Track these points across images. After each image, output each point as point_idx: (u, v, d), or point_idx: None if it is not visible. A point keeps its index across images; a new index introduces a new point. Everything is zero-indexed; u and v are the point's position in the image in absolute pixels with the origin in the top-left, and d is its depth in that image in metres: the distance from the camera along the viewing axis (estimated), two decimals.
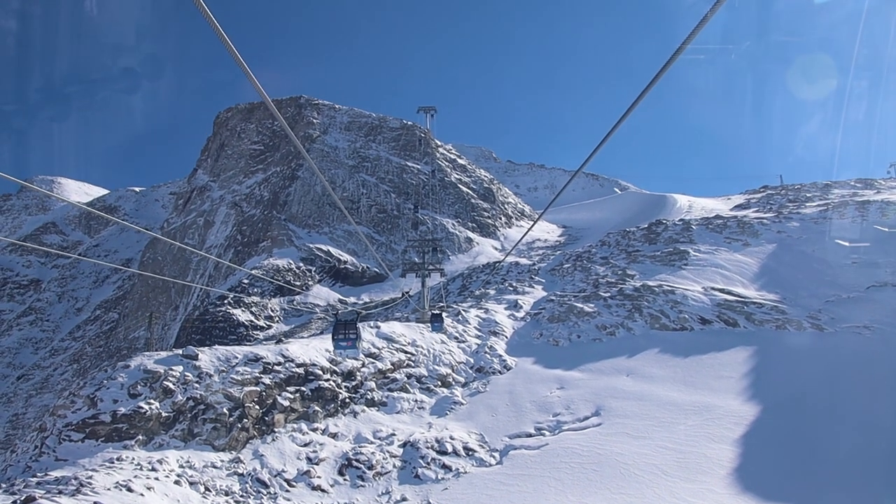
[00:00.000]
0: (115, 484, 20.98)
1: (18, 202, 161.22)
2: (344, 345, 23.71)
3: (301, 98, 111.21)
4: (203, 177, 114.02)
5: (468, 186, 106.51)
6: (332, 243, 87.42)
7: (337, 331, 23.94)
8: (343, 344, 23.77)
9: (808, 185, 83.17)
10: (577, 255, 64.41)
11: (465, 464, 27.67)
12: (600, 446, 27.24)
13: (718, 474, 24.10)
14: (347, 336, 23.99)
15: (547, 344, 42.58)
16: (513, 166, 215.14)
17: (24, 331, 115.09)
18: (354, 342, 23.84)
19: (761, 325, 40.95)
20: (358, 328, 24.12)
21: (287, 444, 28.29)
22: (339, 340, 23.84)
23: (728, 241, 57.58)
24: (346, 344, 23.77)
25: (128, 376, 28.12)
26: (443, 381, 36.61)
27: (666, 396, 31.73)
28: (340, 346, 23.84)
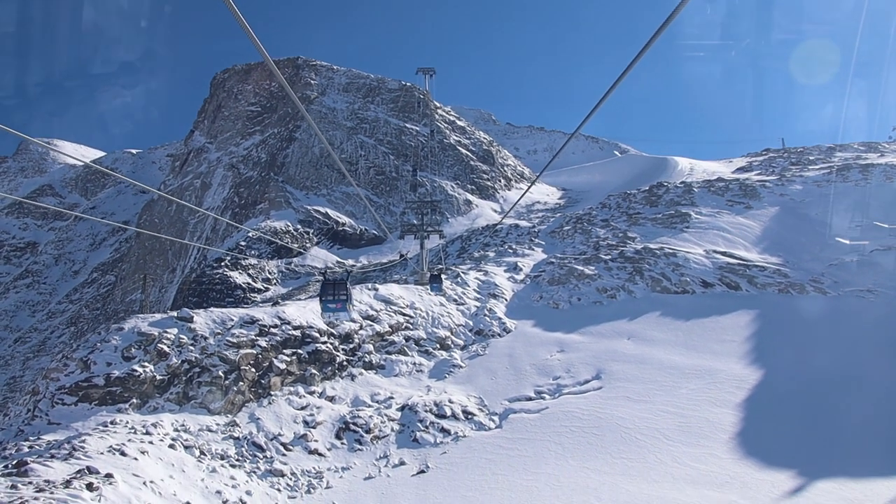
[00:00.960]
0: (109, 448, 20.64)
1: (14, 164, 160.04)
2: (332, 307, 22.55)
3: (298, 59, 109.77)
4: (200, 139, 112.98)
5: (467, 148, 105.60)
6: (329, 205, 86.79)
7: (325, 291, 22.77)
8: (331, 306, 22.58)
9: (811, 148, 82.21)
10: (577, 218, 63.77)
11: (464, 427, 27.44)
12: (601, 410, 27.00)
13: (721, 438, 23.85)
14: (337, 297, 22.71)
15: (547, 307, 42.21)
16: (512, 129, 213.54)
17: (21, 293, 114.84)
18: (344, 304, 22.61)
19: (764, 289, 40.57)
20: (348, 289, 22.96)
21: (283, 408, 28.01)
22: (328, 302, 22.59)
23: (730, 204, 57.00)
24: (334, 306, 22.56)
25: (121, 339, 27.71)
26: (442, 344, 36.28)
27: (667, 360, 31.46)
28: (329, 309, 22.66)
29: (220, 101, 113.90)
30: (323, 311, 22.80)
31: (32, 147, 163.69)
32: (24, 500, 15.00)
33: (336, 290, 22.64)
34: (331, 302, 22.61)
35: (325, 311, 22.75)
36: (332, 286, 22.73)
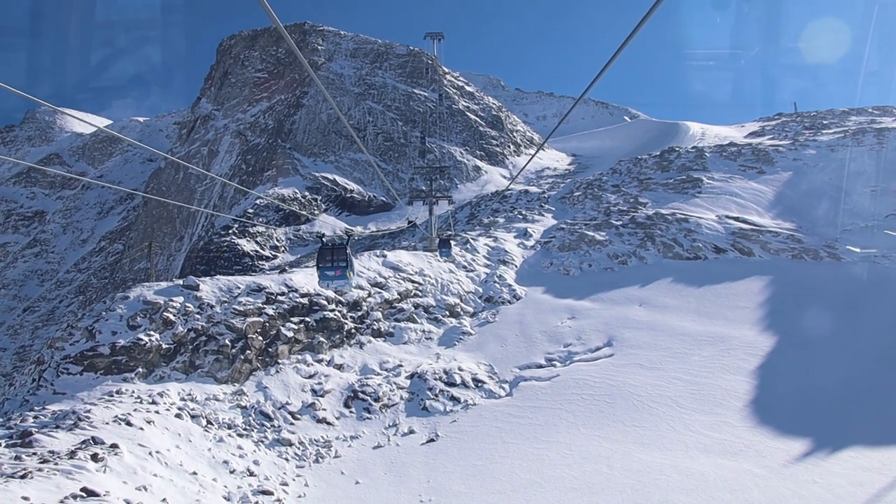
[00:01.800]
0: (114, 418, 20.50)
1: (22, 133, 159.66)
2: (331, 274, 21.05)
3: (305, 24, 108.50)
4: (207, 106, 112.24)
5: (476, 114, 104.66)
6: (338, 172, 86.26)
7: (322, 258, 21.27)
8: (330, 273, 21.09)
9: (825, 112, 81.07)
10: (587, 183, 63.12)
11: (473, 395, 27.20)
12: (612, 377, 26.80)
13: (734, 406, 23.64)
14: (336, 264, 21.10)
15: (557, 273, 41.83)
16: (521, 94, 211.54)
17: (30, 263, 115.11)
18: (344, 271, 21.06)
19: (777, 255, 40.13)
20: (349, 255, 21.43)
21: (291, 376, 27.80)
22: (325, 269, 21.07)
23: (742, 169, 56.30)
24: (333, 273, 21.05)
25: (127, 308, 27.48)
26: (451, 311, 35.95)
27: (679, 326, 31.18)
28: (326, 277, 21.23)
29: (227, 67, 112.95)
30: (320, 279, 21.47)
31: (39, 115, 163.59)
32: (28, 471, 14.81)
33: (335, 256, 21.09)
34: (329, 269, 21.13)
35: (322, 279, 21.45)
36: (331, 252, 21.27)
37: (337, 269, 21.15)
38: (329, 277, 21.25)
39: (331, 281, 21.54)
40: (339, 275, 21.15)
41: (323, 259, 21.24)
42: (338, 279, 21.36)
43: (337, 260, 21.18)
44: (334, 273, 21.12)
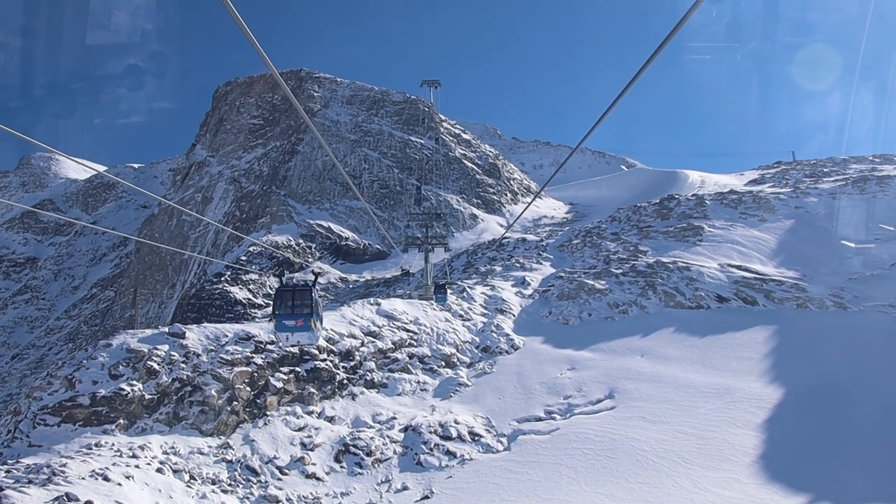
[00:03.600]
0: (91, 472, 19.62)
1: (16, 179, 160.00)
2: (291, 324, 17.76)
3: (301, 71, 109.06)
4: (201, 152, 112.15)
5: (473, 162, 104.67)
6: (332, 219, 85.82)
7: (281, 302, 17.96)
8: (289, 323, 17.76)
9: (825, 160, 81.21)
10: (586, 231, 62.70)
11: (470, 450, 26.26)
12: (615, 431, 25.88)
13: (742, 462, 22.73)
14: (297, 311, 17.67)
15: (556, 322, 41.02)
16: (518, 143, 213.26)
17: (20, 309, 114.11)
18: (308, 320, 17.71)
19: (781, 304, 39.38)
20: (315, 299, 18.17)
21: (280, 429, 26.80)
22: (284, 318, 17.72)
23: (744, 217, 55.82)
24: (293, 323, 17.71)
25: (109, 356, 26.54)
26: (447, 362, 35.02)
27: (683, 378, 30.36)
28: (285, 328, 17.87)
29: (223, 113, 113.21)
30: (277, 329, 18.09)
31: (34, 161, 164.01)
32: None
33: (296, 300, 17.83)
34: (288, 317, 17.74)
35: (279, 329, 18.04)
36: (291, 295, 18.04)
37: (299, 317, 17.81)
38: (288, 328, 17.95)
39: (290, 333, 18.11)
40: (302, 325, 17.83)
41: (281, 304, 18.00)
42: (299, 330, 17.96)
43: (299, 305, 17.96)
44: (295, 322, 17.80)
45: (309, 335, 18.45)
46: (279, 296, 18.14)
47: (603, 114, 9.56)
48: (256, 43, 7.50)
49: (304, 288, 18.22)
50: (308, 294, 18.03)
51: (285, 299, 17.98)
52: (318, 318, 18.37)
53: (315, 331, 18.25)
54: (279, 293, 18.16)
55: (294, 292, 18.09)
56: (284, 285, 18.36)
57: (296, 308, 17.85)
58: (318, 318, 18.59)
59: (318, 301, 18.68)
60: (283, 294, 18.08)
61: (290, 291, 18.11)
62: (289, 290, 18.13)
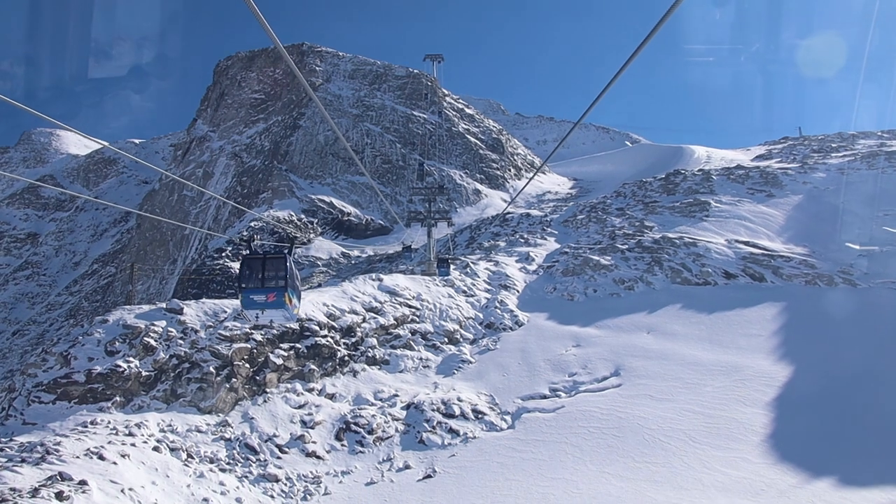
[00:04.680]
0: (86, 451, 19.20)
1: (16, 155, 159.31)
2: (259, 300, 15.42)
3: (303, 45, 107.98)
4: (203, 127, 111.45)
5: (476, 137, 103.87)
6: (334, 194, 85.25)
7: (248, 274, 15.58)
8: (257, 298, 15.42)
9: (833, 136, 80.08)
10: (591, 206, 61.97)
11: (473, 428, 25.86)
12: (621, 409, 25.50)
13: (752, 441, 22.40)
14: (268, 283, 15.33)
15: (561, 298, 40.46)
16: (521, 119, 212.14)
17: (21, 285, 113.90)
18: (280, 296, 15.38)
19: (790, 280, 38.80)
20: (289, 270, 15.76)
21: (280, 406, 26.35)
22: (251, 292, 15.39)
23: (751, 193, 55.04)
24: (263, 298, 15.37)
25: (105, 332, 26.05)
26: (450, 338, 34.53)
27: (690, 355, 29.89)
28: (253, 304, 15.52)
29: (224, 88, 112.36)
30: (243, 305, 15.69)
31: (35, 137, 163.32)
32: None
33: (267, 271, 15.42)
34: (257, 292, 15.34)
35: (246, 306, 15.64)
36: (261, 265, 15.61)
37: (270, 291, 15.33)
38: (257, 304, 15.51)
39: (260, 310, 15.66)
40: (274, 300, 15.35)
41: (249, 275, 15.58)
42: (271, 307, 15.50)
43: (271, 277, 15.48)
44: (265, 298, 15.31)
45: (282, 312, 16.01)
46: (246, 265, 15.73)
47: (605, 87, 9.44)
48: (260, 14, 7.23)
49: (276, 256, 15.83)
50: (281, 263, 15.65)
51: (254, 269, 15.60)
52: (293, 293, 16.05)
53: (290, 307, 15.83)
54: (246, 262, 15.76)
55: (264, 261, 15.68)
56: (253, 253, 15.99)
57: (266, 280, 15.47)
58: (295, 293, 16.26)
59: (295, 272, 16.43)
60: (251, 263, 15.69)
61: (260, 260, 15.70)
62: (258, 259, 15.73)
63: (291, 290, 15.66)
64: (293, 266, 16.01)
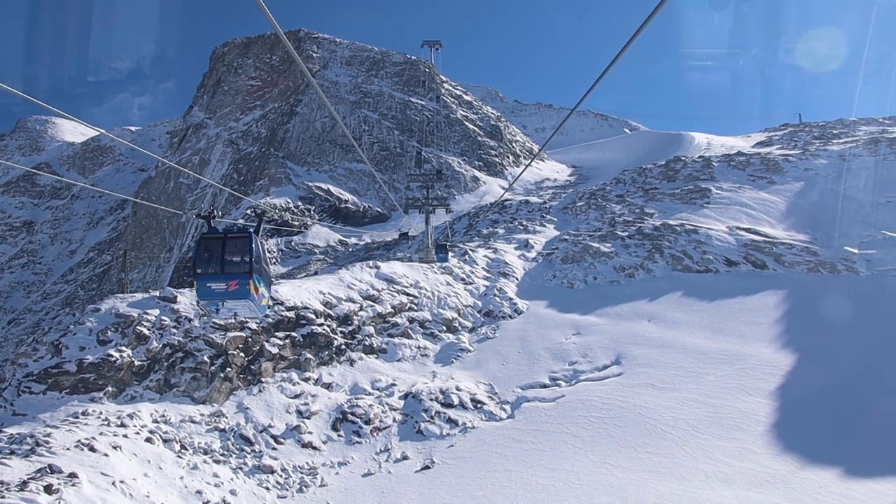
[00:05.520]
0: (77, 443, 19.01)
1: (12, 142, 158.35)
2: (219, 289, 12.75)
3: (300, 31, 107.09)
4: (199, 114, 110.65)
5: (474, 124, 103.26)
6: (332, 182, 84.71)
7: (208, 258, 12.86)
8: (216, 288, 12.76)
9: (834, 122, 79.53)
10: (590, 193, 61.42)
11: (472, 418, 25.64)
12: (622, 398, 25.33)
13: (755, 431, 22.26)
14: (227, 270, 12.70)
15: (561, 286, 40.07)
16: (520, 106, 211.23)
17: (16, 274, 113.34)
18: (244, 283, 12.77)
19: (792, 268, 38.51)
20: (256, 251, 13.11)
21: (275, 396, 26.10)
22: (208, 279, 12.76)
23: (752, 179, 54.61)
24: (223, 286, 12.71)
25: (97, 321, 25.72)
26: (448, 326, 34.17)
27: (692, 343, 29.67)
28: (211, 294, 12.83)
29: (220, 75, 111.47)
30: (199, 295, 13.07)
31: (30, 125, 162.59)
32: None
33: (227, 253, 12.81)
34: (215, 279, 12.76)
35: (203, 296, 12.98)
36: (220, 246, 12.89)
37: (231, 278, 12.69)
38: (215, 294, 12.87)
39: (219, 301, 13.05)
40: (236, 290, 12.73)
41: (207, 259, 12.92)
42: (232, 297, 12.91)
43: (234, 263, 12.79)
44: (225, 286, 12.69)
45: (247, 304, 13.28)
46: (203, 246, 12.97)
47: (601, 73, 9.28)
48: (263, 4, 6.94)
49: (239, 235, 13.10)
50: (245, 244, 12.92)
51: (212, 252, 12.86)
52: (260, 280, 13.37)
53: (256, 298, 13.18)
54: (203, 243, 12.99)
55: (225, 241, 12.90)
56: (211, 231, 13.18)
57: (227, 265, 12.77)
58: (263, 280, 13.59)
59: (263, 255, 13.73)
60: (210, 244, 12.91)
61: (220, 240, 12.90)
62: (217, 239, 12.91)
63: (258, 276, 13.15)
64: (261, 247, 13.58)
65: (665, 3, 7.39)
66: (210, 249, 12.88)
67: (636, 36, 8.03)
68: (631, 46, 8.25)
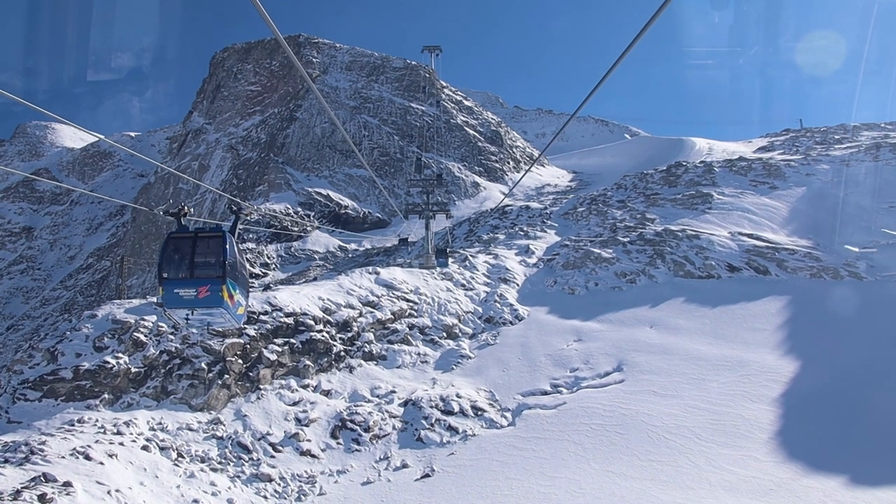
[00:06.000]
0: (72, 451, 18.90)
1: (11, 148, 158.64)
2: (187, 295, 11.56)
3: (300, 37, 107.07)
4: (198, 119, 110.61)
5: (475, 129, 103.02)
6: (331, 187, 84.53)
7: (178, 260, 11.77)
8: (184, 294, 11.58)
9: (835, 128, 79.35)
10: (591, 199, 61.18)
11: (473, 425, 25.42)
12: (624, 406, 25.10)
13: (759, 438, 22.02)
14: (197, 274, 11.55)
15: (562, 292, 39.77)
16: (520, 112, 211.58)
17: (15, 280, 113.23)
18: (216, 290, 11.58)
19: (795, 273, 38.25)
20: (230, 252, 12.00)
21: (273, 403, 25.89)
22: (175, 284, 11.59)
23: (754, 185, 54.36)
24: (192, 294, 11.55)
25: (94, 327, 25.56)
26: (448, 333, 33.94)
27: (694, 350, 29.41)
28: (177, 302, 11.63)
29: (220, 80, 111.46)
30: (165, 303, 11.75)
31: (30, 130, 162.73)
32: None
33: (197, 256, 11.71)
34: (183, 284, 11.58)
35: (170, 303, 11.70)
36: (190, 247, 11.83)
37: (202, 283, 11.51)
38: (184, 302, 11.62)
39: (189, 309, 11.81)
40: (207, 296, 11.53)
41: (178, 262, 11.80)
42: (203, 305, 11.69)
43: (205, 265, 11.68)
44: (195, 293, 11.49)
45: (221, 313, 12.11)
46: (170, 248, 11.87)
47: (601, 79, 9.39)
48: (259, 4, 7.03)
49: (212, 234, 12.06)
50: (218, 245, 11.81)
51: (182, 254, 11.76)
52: (235, 286, 12.08)
53: (231, 306, 11.96)
54: (171, 243, 11.89)
55: (195, 241, 11.83)
56: (181, 229, 12.17)
57: (197, 269, 11.66)
58: (238, 287, 12.29)
59: (240, 258, 12.52)
60: (178, 245, 11.82)
61: (189, 240, 11.84)
62: (185, 239, 11.85)
63: (233, 281, 11.91)
64: (237, 248, 12.37)
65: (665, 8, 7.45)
66: (179, 250, 11.81)
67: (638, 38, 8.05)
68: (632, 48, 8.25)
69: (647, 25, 7.85)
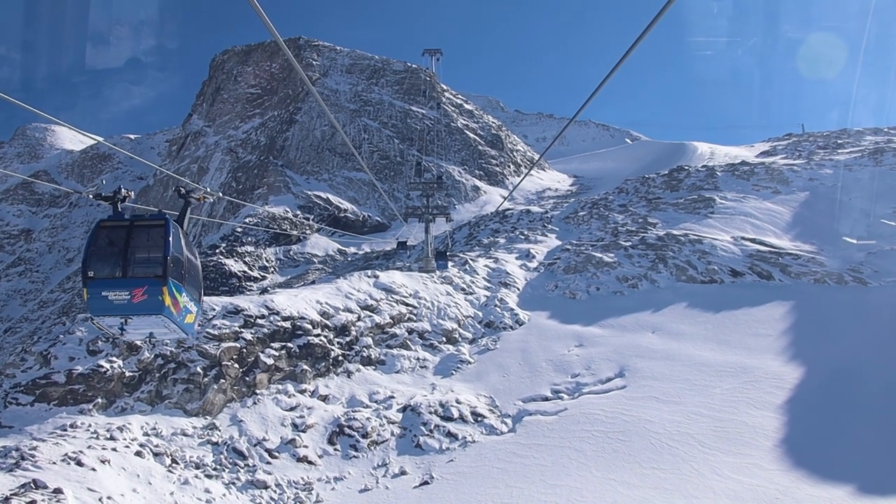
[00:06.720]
0: (64, 457, 18.66)
1: (10, 150, 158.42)
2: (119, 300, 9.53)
3: (300, 39, 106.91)
4: (198, 122, 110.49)
5: (475, 133, 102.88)
6: (331, 190, 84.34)
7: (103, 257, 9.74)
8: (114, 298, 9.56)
9: (838, 132, 79.24)
10: (592, 203, 60.94)
11: (473, 431, 25.16)
12: (626, 412, 24.87)
13: (764, 446, 21.79)
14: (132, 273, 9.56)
15: (563, 297, 39.48)
16: (521, 116, 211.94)
17: (13, 282, 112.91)
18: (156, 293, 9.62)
19: (798, 279, 37.97)
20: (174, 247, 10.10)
21: (270, 408, 25.64)
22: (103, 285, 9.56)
23: (756, 189, 54.18)
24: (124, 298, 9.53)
25: (87, 330, 25.25)
26: (448, 337, 33.63)
27: (697, 356, 29.18)
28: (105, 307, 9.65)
29: (220, 83, 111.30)
30: (92, 309, 9.83)
31: (29, 132, 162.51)
32: None
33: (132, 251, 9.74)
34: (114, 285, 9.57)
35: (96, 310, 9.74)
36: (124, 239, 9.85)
37: (137, 284, 9.53)
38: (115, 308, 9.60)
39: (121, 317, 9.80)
40: (144, 300, 9.53)
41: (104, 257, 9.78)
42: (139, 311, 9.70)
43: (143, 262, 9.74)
44: (128, 297, 9.48)
45: (162, 323, 10.09)
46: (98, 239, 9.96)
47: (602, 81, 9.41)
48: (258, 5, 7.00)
49: (151, 223, 10.11)
50: (159, 236, 9.88)
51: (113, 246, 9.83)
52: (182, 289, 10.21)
53: (175, 313, 10.02)
54: (99, 234, 9.99)
55: (130, 231, 9.90)
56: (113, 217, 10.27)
57: (131, 266, 9.71)
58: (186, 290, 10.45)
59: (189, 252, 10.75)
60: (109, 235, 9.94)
61: (122, 230, 9.90)
62: (118, 228, 9.94)
63: (177, 282, 10.02)
64: (184, 241, 10.60)
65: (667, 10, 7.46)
66: (111, 243, 9.83)
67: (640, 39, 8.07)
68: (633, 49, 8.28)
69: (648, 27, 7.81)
